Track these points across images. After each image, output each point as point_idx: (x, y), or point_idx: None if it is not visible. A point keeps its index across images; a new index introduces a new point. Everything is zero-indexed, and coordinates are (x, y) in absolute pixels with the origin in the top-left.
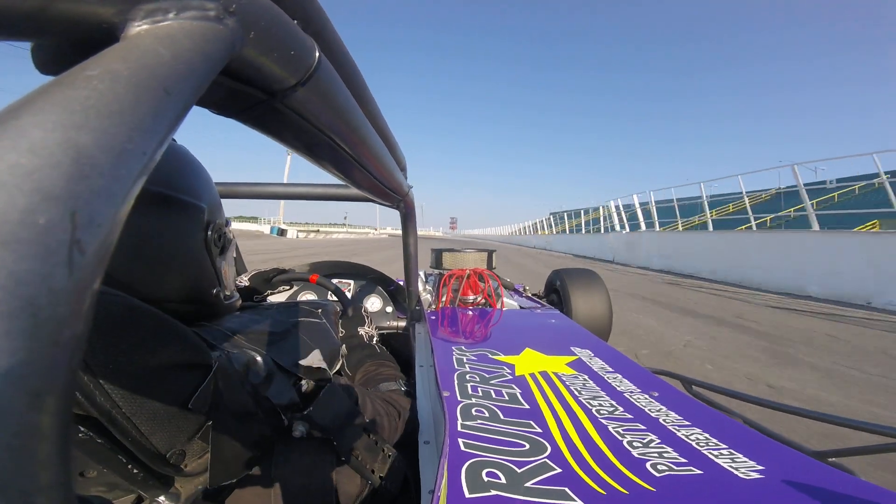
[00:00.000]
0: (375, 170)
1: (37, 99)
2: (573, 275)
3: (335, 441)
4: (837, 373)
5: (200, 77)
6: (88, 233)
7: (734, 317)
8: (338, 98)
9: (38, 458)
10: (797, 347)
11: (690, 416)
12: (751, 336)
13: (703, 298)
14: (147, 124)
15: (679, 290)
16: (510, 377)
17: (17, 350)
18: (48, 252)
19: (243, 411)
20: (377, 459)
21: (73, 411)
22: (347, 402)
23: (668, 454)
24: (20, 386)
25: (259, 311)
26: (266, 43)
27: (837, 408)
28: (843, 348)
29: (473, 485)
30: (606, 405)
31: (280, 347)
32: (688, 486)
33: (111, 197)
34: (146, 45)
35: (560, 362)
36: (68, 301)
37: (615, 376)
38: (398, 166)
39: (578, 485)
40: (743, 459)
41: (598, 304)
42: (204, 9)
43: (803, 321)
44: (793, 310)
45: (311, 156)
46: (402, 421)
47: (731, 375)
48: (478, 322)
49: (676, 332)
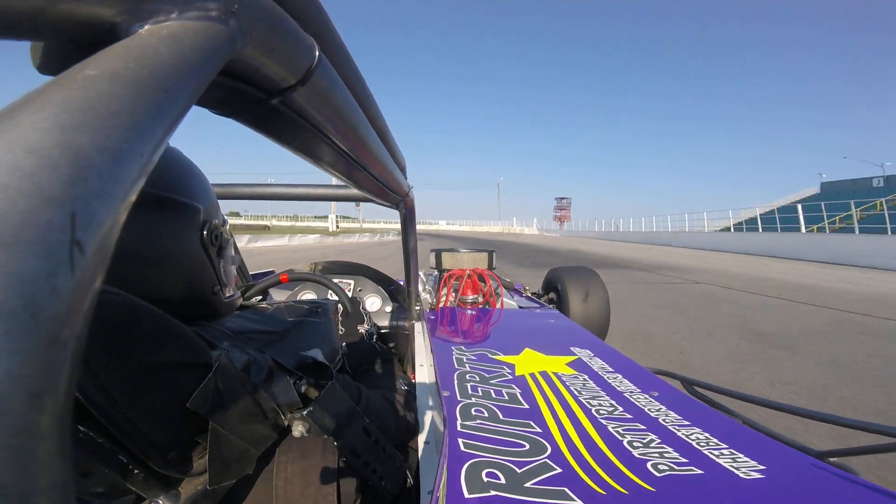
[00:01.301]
0: (375, 170)
1: (35, 99)
2: (571, 273)
3: (335, 441)
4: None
5: (200, 77)
6: (89, 233)
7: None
8: (337, 98)
9: (38, 458)
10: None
11: (691, 416)
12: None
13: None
14: (146, 124)
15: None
16: (510, 377)
17: (17, 350)
18: (49, 252)
19: (244, 411)
20: (377, 459)
21: (73, 411)
22: (348, 402)
23: (668, 454)
24: (20, 386)
25: (259, 310)
26: (266, 43)
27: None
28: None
29: (473, 485)
30: (606, 405)
31: (280, 347)
32: (689, 486)
33: (111, 198)
34: (146, 45)
35: (560, 362)
36: (69, 301)
37: (615, 376)
38: (398, 166)
39: (578, 485)
40: (744, 459)
41: (598, 303)
42: (206, 8)
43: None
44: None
45: (311, 156)
46: (402, 421)
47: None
48: (477, 322)
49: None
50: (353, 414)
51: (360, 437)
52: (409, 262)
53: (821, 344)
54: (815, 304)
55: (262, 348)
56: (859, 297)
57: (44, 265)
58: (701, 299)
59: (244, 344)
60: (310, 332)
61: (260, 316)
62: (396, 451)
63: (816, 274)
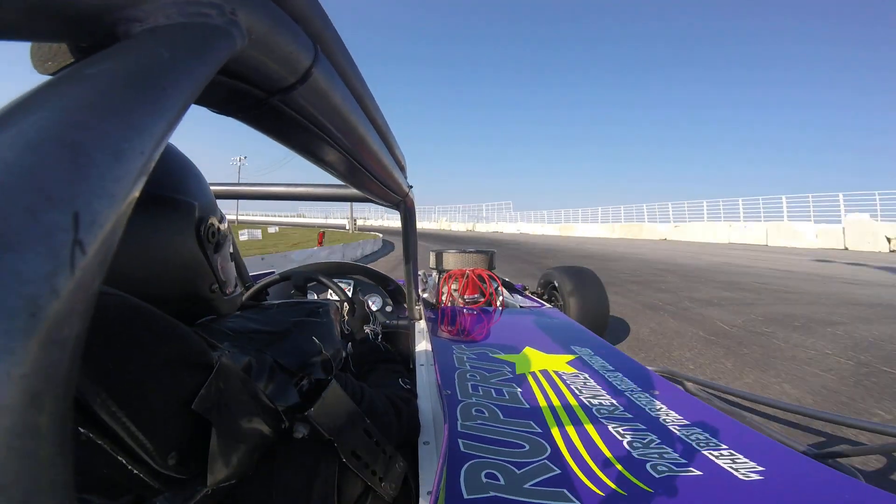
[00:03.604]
0: (375, 169)
1: (35, 99)
2: (569, 272)
3: (336, 442)
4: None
5: (200, 77)
6: (90, 233)
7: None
8: (337, 97)
9: (38, 458)
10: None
11: (691, 416)
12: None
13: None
14: (146, 123)
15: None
16: (510, 376)
17: (17, 350)
18: (50, 252)
19: (244, 412)
20: (378, 460)
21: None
22: (349, 403)
23: (668, 455)
24: (20, 386)
25: (260, 310)
26: (266, 42)
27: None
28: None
29: (472, 486)
30: (607, 404)
31: (281, 347)
32: (688, 488)
33: (112, 197)
34: (146, 45)
35: (560, 361)
36: (69, 301)
37: (616, 375)
38: (398, 166)
39: (577, 486)
40: (743, 460)
41: (596, 300)
42: (205, 9)
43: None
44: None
45: (311, 154)
46: (404, 421)
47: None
48: (478, 321)
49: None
50: (354, 415)
51: (360, 438)
52: (409, 262)
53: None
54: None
55: (262, 349)
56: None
57: (44, 265)
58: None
59: (245, 344)
60: (311, 333)
61: (260, 316)
62: (397, 452)
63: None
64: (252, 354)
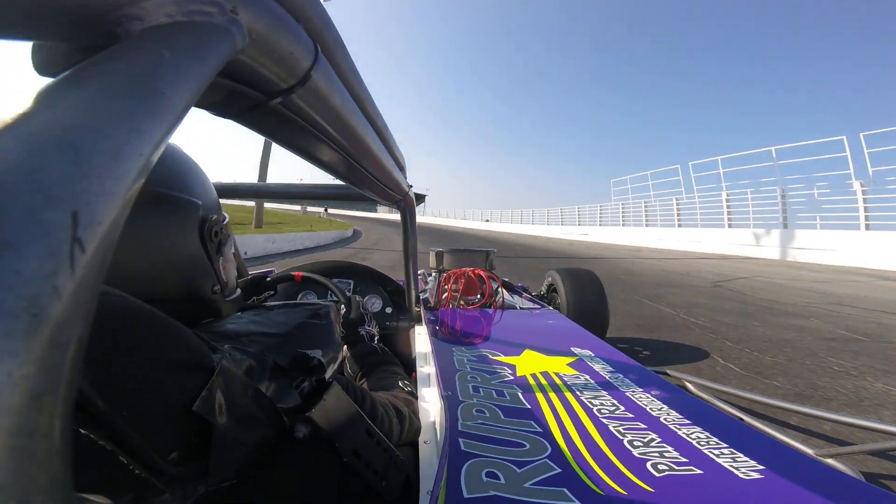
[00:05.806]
0: (375, 169)
1: (36, 99)
2: (569, 273)
3: (336, 442)
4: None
5: (201, 78)
6: (89, 232)
7: None
8: (336, 98)
9: (38, 458)
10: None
11: (691, 415)
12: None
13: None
14: (146, 124)
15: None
16: (511, 377)
17: (17, 350)
18: (50, 251)
19: (245, 413)
20: (379, 461)
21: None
22: (350, 404)
23: (668, 453)
24: (21, 386)
25: (260, 311)
26: (266, 44)
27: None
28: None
29: (473, 485)
30: (608, 404)
31: (282, 349)
32: (688, 486)
33: (111, 196)
34: (146, 46)
35: (561, 362)
36: (70, 301)
37: (616, 375)
38: (398, 166)
39: (577, 485)
40: (744, 459)
41: (596, 301)
42: (206, 10)
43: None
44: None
45: (311, 156)
46: (404, 421)
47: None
48: (478, 323)
49: None
50: (355, 415)
51: (361, 438)
52: (409, 263)
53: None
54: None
55: (263, 350)
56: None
57: (45, 265)
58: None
59: (246, 346)
60: (311, 335)
61: (261, 318)
62: (398, 452)
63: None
64: (253, 356)
